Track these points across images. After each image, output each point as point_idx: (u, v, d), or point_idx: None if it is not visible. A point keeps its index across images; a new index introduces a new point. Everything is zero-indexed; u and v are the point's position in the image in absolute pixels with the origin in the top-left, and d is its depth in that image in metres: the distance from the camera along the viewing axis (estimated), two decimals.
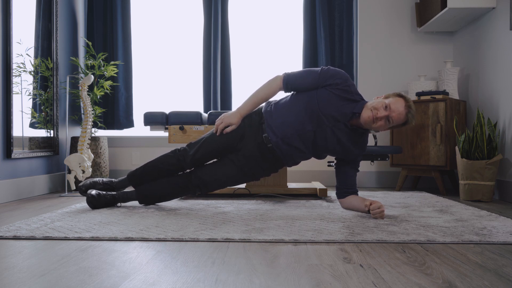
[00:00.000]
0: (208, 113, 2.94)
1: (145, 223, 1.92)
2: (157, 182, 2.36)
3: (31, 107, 2.99)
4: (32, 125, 3.00)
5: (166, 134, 3.94)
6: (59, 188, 3.37)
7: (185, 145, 3.03)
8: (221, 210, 2.32)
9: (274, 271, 1.27)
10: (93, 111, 3.48)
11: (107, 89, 3.64)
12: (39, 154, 3.06)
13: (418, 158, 3.24)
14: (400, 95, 2.11)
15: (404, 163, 3.33)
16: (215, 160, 2.36)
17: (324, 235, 1.68)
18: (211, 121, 2.86)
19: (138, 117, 3.95)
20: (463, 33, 3.52)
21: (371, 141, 3.65)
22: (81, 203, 2.56)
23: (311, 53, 3.79)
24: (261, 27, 3.97)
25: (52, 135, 3.26)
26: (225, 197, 2.89)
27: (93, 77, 3.18)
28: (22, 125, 2.87)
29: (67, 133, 3.21)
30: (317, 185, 3.03)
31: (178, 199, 2.75)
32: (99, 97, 3.70)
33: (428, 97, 3.22)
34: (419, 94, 3.28)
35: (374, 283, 1.16)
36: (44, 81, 3.16)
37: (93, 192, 2.33)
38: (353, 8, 3.78)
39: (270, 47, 3.96)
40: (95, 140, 3.46)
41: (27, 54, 2.94)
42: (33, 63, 3.01)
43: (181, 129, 2.83)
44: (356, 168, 2.32)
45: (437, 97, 3.17)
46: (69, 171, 3.20)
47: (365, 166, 3.76)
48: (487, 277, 1.22)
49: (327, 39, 3.74)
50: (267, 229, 1.79)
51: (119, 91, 3.84)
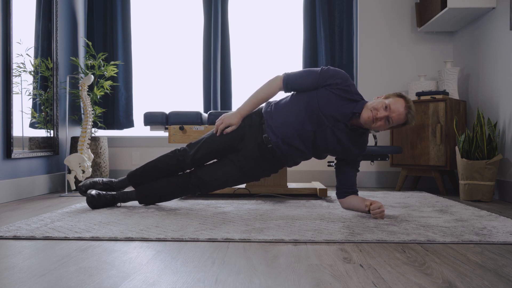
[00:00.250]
0: (208, 113, 2.94)
1: (145, 223, 1.92)
2: (157, 182, 2.36)
3: (31, 107, 2.99)
4: (32, 125, 3.00)
5: (166, 134, 3.94)
6: (59, 188, 3.37)
7: (185, 145, 3.03)
8: (221, 210, 2.32)
9: (274, 271, 1.27)
10: (93, 111, 3.48)
11: (107, 89, 3.64)
12: (39, 154, 3.06)
13: (418, 158, 3.24)
14: (400, 96, 2.11)
15: (404, 163, 3.33)
16: (215, 160, 2.36)
17: (324, 235, 1.68)
18: (211, 121, 2.86)
19: (138, 117, 3.95)
20: (463, 33, 3.52)
21: (371, 141, 3.65)
22: (81, 203, 2.56)
23: (311, 53, 3.79)
24: (261, 27, 3.97)
25: (52, 135, 3.26)
26: (225, 197, 2.89)
27: (93, 77, 3.18)
28: (22, 125, 2.87)
29: (67, 133, 3.21)
30: (317, 185, 3.03)
31: (178, 199, 2.75)
32: (99, 97, 3.70)
33: (428, 97, 3.22)
34: (419, 94, 3.28)
35: (374, 283, 1.16)
36: (44, 81, 3.16)
37: (93, 192, 2.33)
38: (353, 8, 3.78)
39: (270, 47, 3.96)
40: (95, 140, 3.46)
41: (27, 54, 2.94)
42: (33, 63, 3.01)
43: (181, 129, 2.83)
44: (356, 168, 2.32)
45: (437, 97, 3.17)
46: (69, 171, 3.20)
47: (365, 166, 3.76)
48: (487, 277, 1.22)
49: (327, 39, 3.74)
50: (267, 229, 1.79)
51: (119, 91, 3.84)
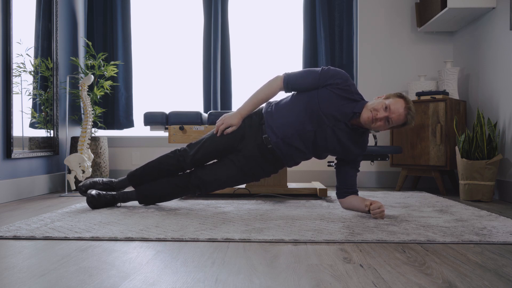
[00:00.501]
0: (208, 113, 2.94)
1: (145, 223, 1.92)
2: (157, 182, 2.36)
3: (31, 107, 2.99)
4: (32, 125, 3.00)
5: (166, 134, 3.94)
6: (59, 188, 3.37)
7: (185, 145, 3.03)
8: (221, 210, 2.32)
9: (274, 271, 1.27)
10: (93, 111, 3.48)
11: (107, 89, 3.64)
12: (39, 154, 3.06)
13: (418, 158, 3.24)
14: (400, 96, 2.11)
15: (404, 163, 3.33)
16: (215, 160, 2.36)
17: (324, 235, 1.68)
18: (211, 121, 2.86)
19: (138, 117, 3.95)
20: (463, 33, 3.52)
21: (371, 141, 3.65)
22: (81, 203, 2.56)
23: (311, 53, 3.79)
24: (261, 27, 3.97)
25: (52, 135, 3.26)
26: (225, 197, 2.89)
27: (93, 77, 3.18)
28: (22, 125, 2.87)
29: (67, 133, 3.21)
30: (317, 185, 3.03)
31: (178, 199, 2.75)
32: (99, 97, 3.70)
33: (428, 97, 3.22)
34: (419, 94, 3.28)
35: (374, 283, 1.16)
36: (44, 81, 3.16)
37: (93, 192, 2.33)
38: (353, 8, 3.78)
39: (270, 47, 3.96)
40: (95, 140, 3.46)
41: (27, 54, 2.94)
42: (33, 63, 3.01)
43: (181, 129, 2.83)
44: (356, 168, 2.32)
45: (437, 97, 3.17)
46: (69, 171, 3.20)
47: (365, 166, 3.76)
48: (487, 277, 1.22)
49: (327, 39, 3.74)
50: (267, 229, 1.79)
51: (119, 91, 3.84)
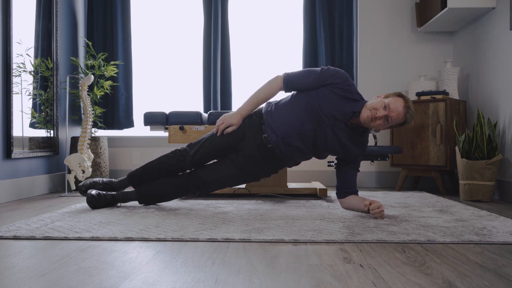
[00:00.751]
0: (208, 113, 2.94)
1: (145, 223, 1.92)
2: (157, 182, 2.36)
3: (31, 107, 2.99)
4: (32, 125, 3.00)
5: (166, 134, 3.94)
6: (59, 188, 3.37)
7: (185, 145, 3.03)
8: (221, 210, 2.32)
9: (274, 271, 1.27)
10: (93, 111, 3.48)
11: (107, 89, 3.64)
12: (39, 154, 3.06)
13: (418, 158, 3.24)
14: (399, 95, 2.11)
15: (404, 163, 3.33)
16: (215, 160, 2.36)
17: (324, 235, 1.68)
18: (211, 121, 2.86)
19: (138, 117, 3.95)
20: (463, 33, 3.52)
21: (371, 141, 3.65)
22: (81, 203, 2.56)
23: (311, 53, 3.79)
24: (261, 27, 3.97)
25: (52, 135, 3.26)
26: (225, 197, 2.89)
27: (93, 77, 3.18)
28: (22, 125, 2.87)
29: (67, 133, 3.21)
30: (317, 185, 3.03)
31: (178, 199, 2.75)
32: (99, 97, 3.70)
33: (428, 97, 3.22)
34: (419, 94, 3.28)
35: (374, 283, 1.16)
36: (44, 81, 3.16)
37: (93, 192, 2.33)
38: (353, 8, 3.78)
39: (270, 47, 3.96)
40: (95, 140, 3.46)
41: (27, 54, 2.94)
42: (33, 63, 3.01)
43: (181, 129, 2.83)
44: (356, 168, 2.32)
45: (437, 97, 3.17)
46: (69, 171, 3.20)
47: (365, 166, 3.76)
48: (487, 277, 1.22)
49: (327, 39, 3.74)
50: (267, 229, 1.79)
51: (119, 91, 3.84)
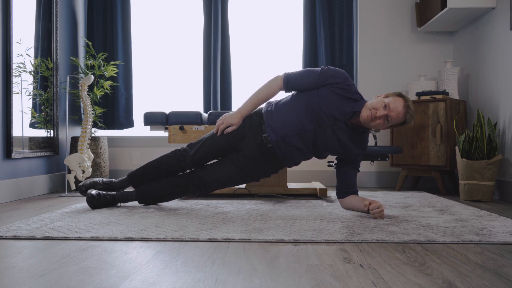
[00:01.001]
0: (208, 113, 2.94)
1: (145, 223, 1.92)
2: (157, 182, 2.36)
3: (31, 107, 2.99)
4: (32, 125, 3.00)
5: (166, 134, 3.94)
6: (59, 188, 3.37)
7: (185, 145, 3.03)
8: (221, 210, 2.32)
9: (274, 271, 1.27)
10: (93, 111, 3.48)
11: (107, 89, 3.64)
12: (39, 154, 3.06)
13: (418, 158, 3.24)
14: (399, 95, 2.12)
15: (404, 163, 3.33)
16: (215, 160, 2.36)
17: (324, 235, 1.68)
18: (211, 121, 2.86)
19: (138, 117, 3.95)
20: (463, 33, 3.52)
21: (371, 141, 3.65)
22: (81, 203, 2.56)
23: (311, 53, 3.79)
24: (261, 27, 3.97)
25: (52, 135, 3.26)
26: (225, 197, 2.89)
27: (93, 77, 3.18)
28: (22, 125, 2.87)
29: (67, 133, 3.21)
30: (317, 185, 3.03)
31: (178, 199, 2.75)
32: (99, 97, 3.70)
33: (428, 97, 3.22)
34: (419, 94, 3.28)
35: (374, 283, 1.16)
36: (44, 81, 3.16)
37: (93, 192, 2.33)
38: (353, 8, 3.78)
39: (270, 47, 3.96)
40: (95, 140, 3.46)
41: (27, 54, 2.94)
42: (33, 63, 3.01)
43: (181, 129, 2.83)
44: (356, 168, 2.32)
45: (437, 97, 3.17)
46: (69, 171, 3.20)
47: (365, 166, 3.76)
48: (487, 277, 1.22)
49: (327, 39, 3.74)
50: (267, 229, 1.79)
51: (119, 91, 3.84)
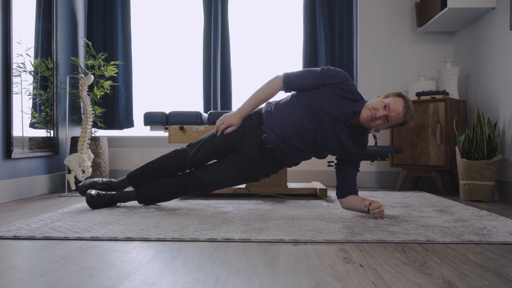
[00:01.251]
0: (208, 113, 2.94)
1: (145, 223, 1.92)
2: (157, 182, 2.36)
3: (31, 107, 2.99)
4: (32, 125, 3.00)
5: (166, 134, 3.94)
6: (59, 188, 3.37)
7: (185, 145, 3.03)
8: (221, 210, 2.32)
9: (274, 271, 1.27)
10: (93, 111, 3.48)
11: (107, 89, 3.64)
12: (39, 154, 3.06)
13: (418, 158, 3.24)
14: (399, 95, 2.11)
15: (404, 163, 3.33)
16: (215, 160, 2.36)
17: (324, 235, 1.68)
18: (211, 121, 2.86)
19: (138, 117, 3.95)
20: (463, 33, 3.52)
21: (371, 141, 3.65)
22: (81, 203, 2.56)
23: (311, 53, 3.79)
24: (261, 27, 3.97)
25: (52, 135, 3.26)
26: (225, 197, 2.89)
27: (93, 77, 3.18)
28: (22, 125, 2.87)
29: (67, 133, 3.21)
30: (317, 185, 3.03)
31: (178, 199, 2.75)
32: (99, 97, 3.70)
33: (428, 97, 3.22)
34: (419, 94, 3.28)
35: (374, 283, 1.16)
36: (44, 81, 3.16)
37: (93, 192, 2.33)
38: (353, 8, 3.78)
39: (270, 47, 3.96)
40: (95, 140, 3.46)
41: (27, 54, 2.94)
42: (33, 63, 3.01)
43: (181, 129, 2.83)
44: (356, 168, 2.32)
45: (437, 97, 3.17)
46: (69, 171, 3.20)
47: (365, 166, 3.76)
48: (487, 277, 1.22)
49: (327, 39, 3.74)
50: (267, 229, 1.79)
51: (119, 91, 3.84)
